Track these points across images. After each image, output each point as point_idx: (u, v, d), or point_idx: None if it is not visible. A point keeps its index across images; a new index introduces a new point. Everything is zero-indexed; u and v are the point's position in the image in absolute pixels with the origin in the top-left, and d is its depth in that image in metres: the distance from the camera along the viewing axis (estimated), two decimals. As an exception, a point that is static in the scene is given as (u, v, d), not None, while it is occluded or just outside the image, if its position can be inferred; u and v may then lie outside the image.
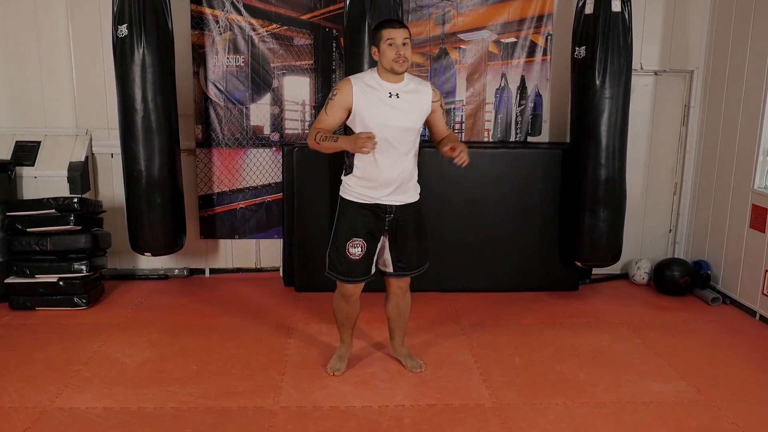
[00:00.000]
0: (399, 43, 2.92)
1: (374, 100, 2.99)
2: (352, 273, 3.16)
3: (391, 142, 2.99)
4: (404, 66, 2.95)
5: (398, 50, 2.92)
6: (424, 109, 3.07)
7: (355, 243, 3.11)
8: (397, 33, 2.93)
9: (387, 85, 3.00)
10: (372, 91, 2.99)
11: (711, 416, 3.06)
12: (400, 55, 2.92)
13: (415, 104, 3.04)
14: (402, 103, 3.00)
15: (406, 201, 3.14)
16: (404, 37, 2.94)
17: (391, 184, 3.06)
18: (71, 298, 4.24)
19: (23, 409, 3.02)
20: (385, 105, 2.98)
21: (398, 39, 2.92)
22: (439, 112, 3.15)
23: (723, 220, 4.62)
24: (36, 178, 4.53)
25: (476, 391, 3.25)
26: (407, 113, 3.01)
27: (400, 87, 3.02)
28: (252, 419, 2.97)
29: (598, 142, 4.27)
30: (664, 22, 4.82)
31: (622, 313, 4.35)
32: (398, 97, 3.00)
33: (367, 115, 2.99)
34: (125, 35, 4.02)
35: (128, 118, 4.12)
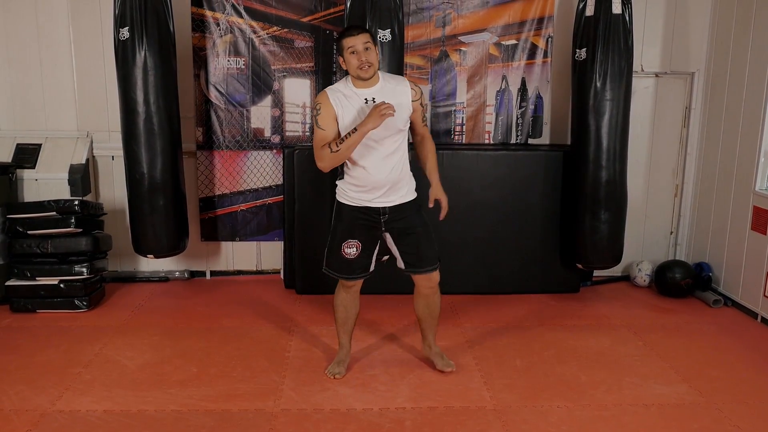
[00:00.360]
0: (360, 50, 2.90)
1: (350, 109, 2.98)
2: (347, 270, 3.20)
3: (373, 146, 2.98)
4: (369, 72, 2.93)
5: (359, 56, 2.90)
6: (403, 109, 3.02)
7: (350, 244, 3.14)
8: (357, 40, 2.90)
9: (361, 92, 2.99)
10: (348, 100, 2.99)
11: (712, 418, 3.05)
12: (363, 61, 2.90)
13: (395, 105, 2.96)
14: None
15: (400, 201, 3.14)
16: (364, 42, 2.91)
17: (381, 186, 3.06)
18: (72, 300, 4.24)
19: (23, 411, 3.02)
20: (362, 112, 2.96)
21: (358, 45, 2.90)
22: (418, 110, 3.12)
23: (724, 222, 4.61)
24: (37, 181, 4.53)
25: (477, 394, 3.25)
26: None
27: (375, 91, 2.99)
28: (252, 422, 2.96)
29: (598, 144, 4.27)
30: (664, 24, 4.82)
31: (624, 315, 4.34)
32: (374, 101, 2.97)
33: (346, 124, 2.98)
34: (127, 38, 4.02)
35: (130, 120, 4.13)
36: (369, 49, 2.91)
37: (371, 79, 2.98)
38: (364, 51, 2.90)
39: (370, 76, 2.94)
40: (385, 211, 3.11)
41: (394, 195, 3.11)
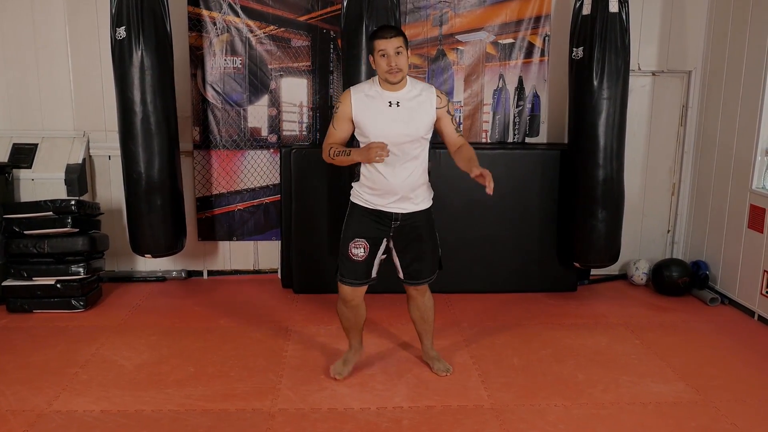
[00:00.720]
0: (391, 54, 2.85)
1: (373, 110, 2.95)
2: (352, 274, 3.12)
3: (393, 151, 2.91)
4: (398, 77, 2.89)
5: (389, 61, 2.85)
6: (427, 116, 2.99)
7: (358, 243, 3.08)
8: (389, 44, 2.85)
9: (387, 94, 2.95)
10: (371, 100, 2.96)
11: (710, 417, 3.06)
12: (392, 66, 2.86)
13: (416, 112, 2.96)
14: (402, 111, 2.95)
15: (414, 209, 3.09)
16: (396, 46, 2.85)
17: (396, 192, 3.01)
18: (69, 300, 4.23)
19: (20, 412, 3.01)
20: (384, 114, 2.94)
21: (390, 49, 2.85)
22: (446, 119, 3.04)
23: (721, 220, 4.62)
24: (33, 181, 4.53)
25: (475, 393, 3.25)
26: (407, 122, 2.95)
27: (401, 95, 2.96)
28: (250, 421, 2.96)
29: (596, 142, 4.27)
30: (661, 22, 4.82)
31: (621, 313, 4.35)
32: (398, 105, 2.94)
33: (366, 125, 2.96)
34: (123, 37, 4.01)
35: (127, 120, 4.12)
36: (400, 53, 2.86)
37: (402, 83, 2.95)
38: (395, 55, 2.85)
39: (398, 81, 2.91)
40: (397, 217, 3.07)
41: (408, 202, 3.06)
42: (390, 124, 2.94)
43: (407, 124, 2.95)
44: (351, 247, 3.09)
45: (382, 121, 2.94)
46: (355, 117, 2.97)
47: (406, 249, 3.15)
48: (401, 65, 2.87)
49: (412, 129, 2.95)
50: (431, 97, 3.00)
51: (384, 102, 2.95)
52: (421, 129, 2.98)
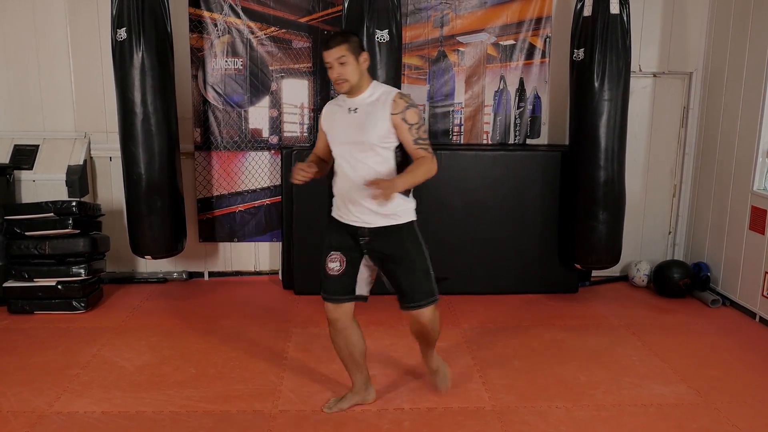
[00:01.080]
0: (334, 65, 2.71)
1: (335, 119, 2.85)
2: (329, 288, 2.90)
3: (348, 159, 2.78)
4: (344, 87, 2.74)
5: (332, 73, 2.73)
6: (381, 122, 2.73)
7: (333, 257, 2.89)
8: (330, 55, 2.71)
9: (348, 101, 2.82)
10: (337, 109, 2.87)
11: (711, 418, 3.05)
12: (334, 78, 2.73)
13: (370, 117, 2.75)
14: (359, 116, 2.77)
15: (382, 223, 2.80)
16: (338, 56, 2.70)
17: (353, 202, 2.80)
18: (70, 301, 4.23)
19: (21, 413, 3.01)
20: (343, 121, 2.81)
21: (332, 60, 2.71)
22: (402, 127, 2.73)
23: (722, 221, 4.62)
24: (34, 182, 4.53)
25: (476, 394, 3.24)
26: (360, 128, 2.75)
27: (360, 100, 2.80)
28: (251, 423, 2.96)
29: (597, 144, 4.27)
30: (662, 24, 4.82)
31: (622, 315, 4.34)
32: (356, 111, 2.79)
33: (329, 136, 2.88)
34: (124, 39, 4.02)
35: (128, 121, 4.12)
36: (345, 63, 2.71)
37: (356, 90, 2.78)
38: (338, 66, 2.71)
39: (347, 91, 2.77)
40: (363, 232, 2.82)
41: (373, 215, 2.79)
42: (346, 130, 2.79)
43: (358, 131, 2.75)
44: (327, 261, 2.90)
45: (341, 127, 2.82)
46: (325, 128, 2.90)
47: (384, 270, 2.90)
48: (346, 75, 2.72)
49: (362, 136, 2.74)
50: (387, 101, 2.75)
51: (345, 109, 2.83)
52: (372, 136, 2.73)
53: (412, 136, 2.74)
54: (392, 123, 2.74)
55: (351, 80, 2.74)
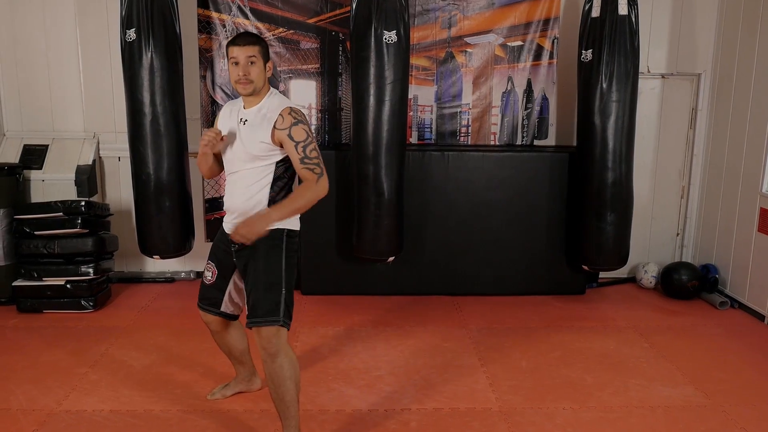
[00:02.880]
0: (242, 62, 2.59)
1: (227, 125, 2.74)
2: (201, 296, 2.94)
3: (231, 168, 2.70)
4: (248, 88, 2.62)
5: (239, 70, 2.60)
6: (263, 136, 2.60)
7: (208, 266, 2.89)
8: (241, 50, 2.59)
9: (242, 111, 2.71)
10: (232, 116, 2.74)
11: (719, 421, 3.04)
12: (240, 75, 2.59)
13: (256, 130, 2.62)
14: (246, 129, 2.66)
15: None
16: (249, 55, 2.59)
17: (231, 211, 2.73)
18: (78, 300, 4.25)
19: (30, 411, 3.03)
20: (233, 131, 2.70)
21: (241, 57, 2.59)
22: (288, 144, 2.58)
23: (731, 223, 4.60)
24: (44, 182, 4.55)
25: (483, 395, 3.24)
26: (244, 141, 2.64)
27: (251, 111, 2.68)
28: (258, 422, 2.97)
29: (604, 145, 4.26)
30: (671, 25, 4.81)
31: (630, 317, 4.33)
32: (245, 123, 2.67)
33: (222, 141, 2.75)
34: (133, 39, 4.03)
35: (137, 121, 4.14)
36: (254, 63, 2.60)
37: (254, 98, 2.67)
38: (246, 64, 2.60)
39: (247, 93, 2.64)
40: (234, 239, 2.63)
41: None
42: (232, 141, 2.69)
43: (244, 143, 2.65)
44: (205, 268, 2.92)
45: (230, 138, 2.70)
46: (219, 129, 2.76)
47: (244, 276, 2.74)
48: (252, 76, 2.60)
49: (246, 149, 2.64)
50: (274, 116, 2.61)
51: (237, 119, 2.71)
52: (253, 150, 2.62)
53: (299, 154, 2.58)
54: (276, 138, 2.60)
55: (256, 83, 2.63)
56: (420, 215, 4.51)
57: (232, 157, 2.71)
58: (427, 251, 4.58)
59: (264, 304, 2.62)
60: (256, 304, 2.63)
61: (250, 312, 2.65)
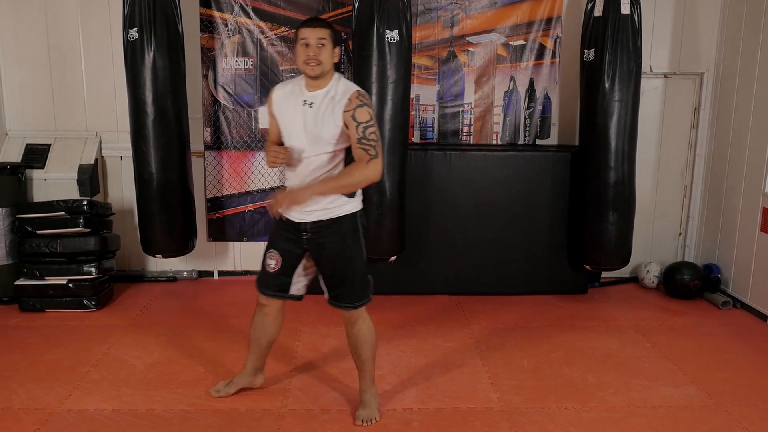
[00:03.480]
0: (312, 44, 2.61)
1: (288, 109, 2.74)
2: (264, 283, 2.96)
3: (298, 152, 2.71)
4: (316, 70, 2.63)
5: (309, 51, 2.62)
6: (334, 119, 2.65)
7: (271, 254, 2.90)
8: (311, 32, 2.62)
9: (305, 93, 2.71)
10: (289, 98, 2.75)
11: (721, 421, 3.04)
12: (310, 56, 2.61)
13: (325, 114, 2.66)
14: (313, 112, 2.68)
15: (322, 216, 2.75)
16: (319, 37, 2.62)
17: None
18: (80, 300, 4.26)
19: (32, 410, 3.03)
20: (296, 114, 2.71)
21: (311, 39, 2.62)
22: (350, 125, 2.64)
23: (733, 223, 4.59)
24: (46, 181, 4.56)
25: (485, 395, 3.24)
26: (312, 125, 2.67)
27: (317, 94, 2.69)
28: (260, 422, 2.97)
29: (607, 144, 4.25)
30: (674, 24, 4.80)
31: (632, 316, 4.33)
32: (311, 106, 2.68)
33: (281, 124, 2.78)
34: (135, 39, 4.04)
35: (139, 121, 4.14)
36: (323, 46, 2.63)
37: (320, 81, 2.68)
38: (316, 46, 2.62)
39: (314, 75, 2.65)
40: (305, 227, 2.77)
41: (317, 212, 2.74)
42: (298, 124, 2.71)
43: (312, 127, 2.68)
44: (266, 257, 2.93)
45: (293, 120, 2.72)
46: (275, 114, 2.81)
47: (320, 266, 2.85)
48: (321, 58, 2.62)
49: (315, 132, 2.67)
50: (344, 99, 2.66)
51: (300, 101, 2.71)
52: (325, 133, 2.67)
53: (358, 134, 2.63)
54: (344, 121, 2.66)
55: (324, 65, 2.65)
56: (422, 215, 4.51)
57: (297, 141, 2.72)
58: (429, 251, 4.58)
59: (357, 289, 2.82)
60: (348, 289, 2.81)
61: (343, 297, 2.83)
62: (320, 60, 2.63)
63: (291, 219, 2.78)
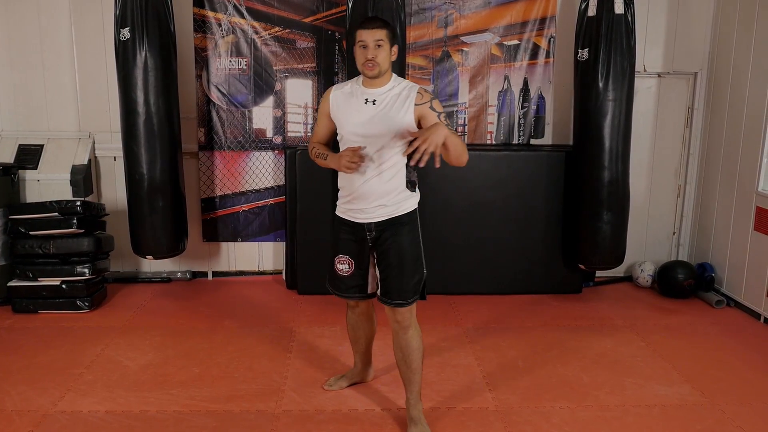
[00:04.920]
0: (370, 45, 2.64)
1: (349, 108, 2.75)
2: (340, 287, 2.96)
3: (367, 152, 2.70)
4: (374, 70, 2.66)
5: (367, 53, 2.64)
6: (405, 114, 2.68)
7: (341, 259, 2.90)
8: (370, 35, 2.63)
9: (367, 91, 2.73)
10: (349, 98, 2.76)
11: (715, 419, 3.04)
12: (368, 59, 2.64)
13: (393, 109, 2.69)
14: (379, 108, 2.69)
15: (387, 216, 2.77)
16: (377, 39, 2.63)
17: (366, 198, 2.75)
18: (74, 301, 4.24)
19: (26, 412, 3.02)
20: (359, 112, 2.72)
21: (369, 41, 2.64)
22: (431, 116, 2.67)
23: (727, 222, 4.60)
24: (39, 182, 4.54)
25: (479, 395, 3.24)
26: (380, 121, 2.69)
27: (380, 92, 2.72)
28: (254, 423, 2.96)
29: (601, 144, 4.26)
30: (667, 24, 4.81)
31: (626, 315, 4.34)
32: (374, 103, 2.70)
33: (341, 123, 2.78)
34: (127, 38, 4.02)
35: (130, 121, 4.13)
36: (381, 46, 2.64)
37: (379, 80, 2.71)
38: (374, 48, 2.64)
39: (374, 75, 2.68)
40: (369, 227, 2.79)
41: (381, 210, 2.76)
42: (363, 122, 2.71)
43: (380, 123, 2.69)
44: (336, 262, 2.91)
45: (357, 119, 2.72)
46: (333, 115, 2.81)
47: (379, 259, 2.84)
48: (379, 59, 2.65)
49: (384, 129, 2.69)
50: (411, 94, 2.71)
51: (361, 99, 2.73)
52: (394, 129, 2.69)
53: (440, 123, 2.62)
54: (417, 114, 2.69)
55: (382, 66, 2.67)
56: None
57: (360, 139, 2.71)
58: (423, 250, 4.56)
59: (410, 286, 2.80)
60: (402, 286, 2.79)
61: (394, 293, 2.80)
62: (378, 61, 2.66)
63: (354, 221, 2.81)
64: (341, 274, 2.92)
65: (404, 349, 2.86)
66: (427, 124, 2.65)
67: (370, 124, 2.71)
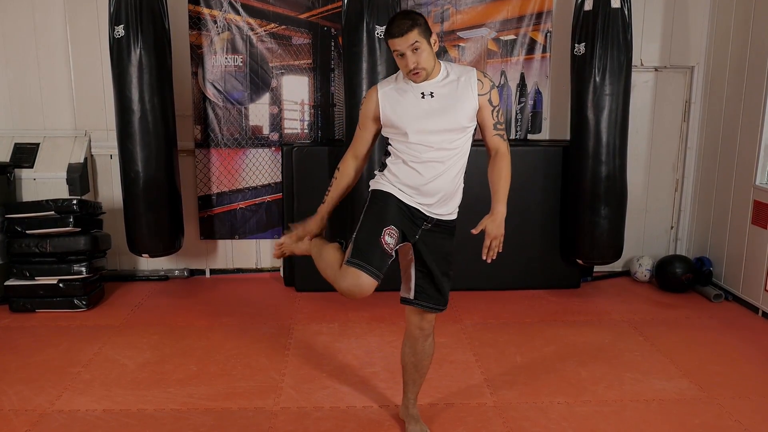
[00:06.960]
0: (407, 53, 2.41)
1: (404, 105, 2.52)
2: (369, 258, 2.49)
3: (431, 148, 2.50)
4: (421, 76, 2.45)
5: (407, 62, 2.42)
6: (468, 103, 2.49)
7: (391, 231, 2.54)
8: (401, 42, 2.40)
9: (418, 85, 2.50)
10: (401, 94, 2.53)
11: (713, 414, 3.04)
12: (411, 68, 2.43)
13: (454, 99, 2.49)
14: (438, 101, 2.49)
15: (446, 217, 2.67)
16: (410, 43, 2.39)
17: (434, 194, 2.58)
18: (71, 299, 4.23)
19: (23, 411, 3.01)
20: (417, 108, 2.50)
21: (404, 48, 2.41)
22: (486, 110, 2.51)
23: (725, 216, 4.60)
24: (35, 180, 4.53)
25: (478, 390, 3.24)
26: (445, 112, 2.49)
27: (434, 83, 2.50)
28: (252, 420, 2.96)
29: (598, 139, 4.25)
30: (664, 17, 4.80)
31: (624, 310, 4.33)
32: (432, 95, 2.49)
33: (398, 123, 2.52)
34: (122, 36, 4.01)
35: (125, 119, 4.12)
36: (419, 48, 2.41)
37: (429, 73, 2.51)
38: (412, 53, 2.41)
39: (422, 80, 2.48)
40: (430, 219, 2.62)
41: (443, 208, 2.63)
42: (425, 117, 2.49)
43: (445, 115, 2.49)
44: (385, 233, 2.53)
45: (417, 114, 2.50)
46: (383, 115, 2.55)
47: (420, 259, 2.69)
48: (422, 62, 2.43)
49: (451, 120, 2.49)
50: (471, 81, 2.50)
51: (416, 94, 2.50)
52: (462, 119, 2.50)
53: (494, 119, 2.52)
54: (478, 104, 2.51)
55: (428, 67, 2.45)
56: (414, 211, 4.49)
57: (428, 137, 2.50)
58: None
59: (446, 293, 2.77)
60: (445, 290, 2.75)
61: (436, 297, 2.74)
62: (423, 66, 2.44)
63: (419, 208, 2.59)
64: (384, 247, 2.51)
65: (419, 355, 2.78)
66: (483, 120, 2.54)
67: (433, 118, 2.50)
